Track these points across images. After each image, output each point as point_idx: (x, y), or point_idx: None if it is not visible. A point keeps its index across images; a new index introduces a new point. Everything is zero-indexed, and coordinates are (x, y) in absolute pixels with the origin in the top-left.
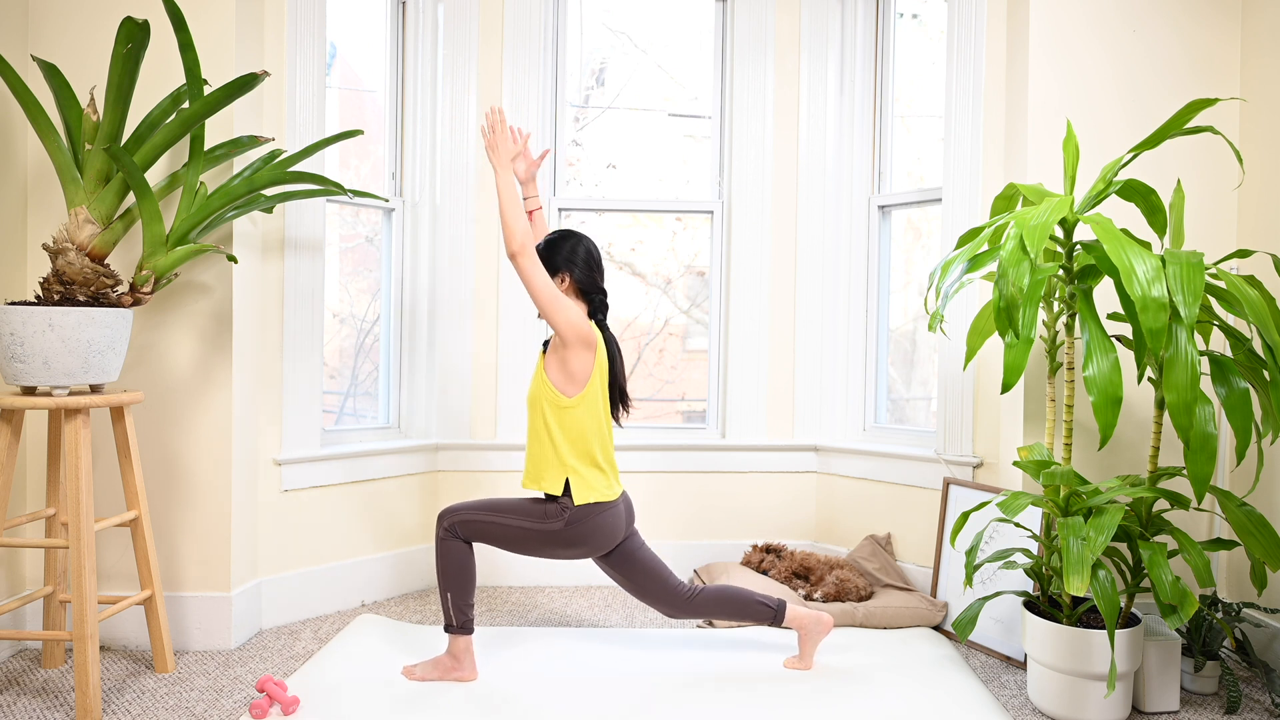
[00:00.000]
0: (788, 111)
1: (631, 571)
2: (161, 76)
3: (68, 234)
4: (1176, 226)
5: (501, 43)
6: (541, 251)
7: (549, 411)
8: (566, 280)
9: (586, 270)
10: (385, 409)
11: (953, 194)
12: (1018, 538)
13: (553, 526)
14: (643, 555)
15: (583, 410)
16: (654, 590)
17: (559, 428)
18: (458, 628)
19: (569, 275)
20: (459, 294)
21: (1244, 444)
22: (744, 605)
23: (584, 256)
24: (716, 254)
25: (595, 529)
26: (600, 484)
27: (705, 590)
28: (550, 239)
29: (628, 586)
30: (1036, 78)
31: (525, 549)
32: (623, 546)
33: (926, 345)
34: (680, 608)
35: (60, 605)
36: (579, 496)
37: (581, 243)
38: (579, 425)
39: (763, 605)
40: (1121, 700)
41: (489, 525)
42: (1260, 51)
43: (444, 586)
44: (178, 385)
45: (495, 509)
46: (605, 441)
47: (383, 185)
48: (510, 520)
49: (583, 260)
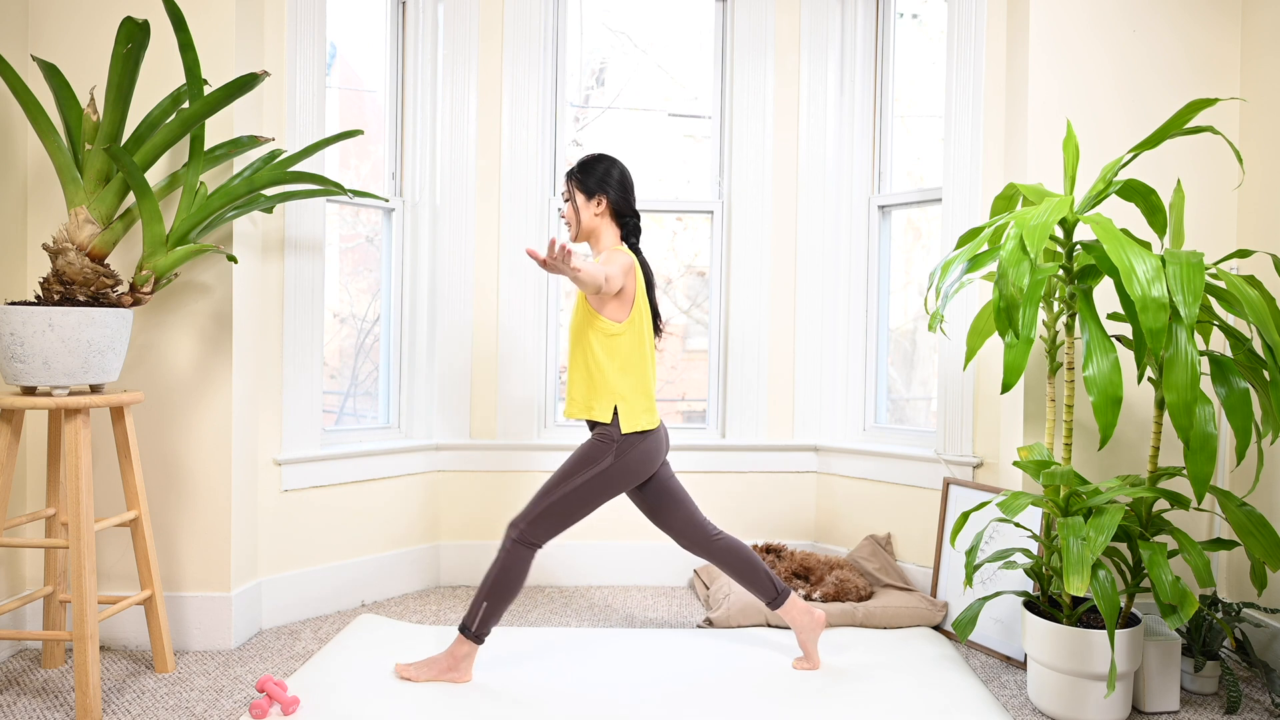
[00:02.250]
0: (788, 111)
1: (664, 501)
2: (161, 76)
3: (68, 234)
4: (1176, 226)
5: (501, 43)
6: (576, 173)
7: (597, 340)
8: (603, 203)
9: (621, 192)
10: (385, 409)
11: (953, 194)
12: (1018, 538)
13: (605, 464)
14: (674, 485)
15: (631, 336)
16: (679, 522)
17: (607, 355)
18: (474, 635)
19: (605, 198)
20: (459, 294)
21: (1244, 444)
22: (754, 570)
23: (618, 179)
24: (716, 254)
25: (642, 456)
26: (645, 412)
27: (727, 539)
28: (585, 161)
29: (656, 519)
30: (1036, 78)
31: (592, 504)
32: (658, 475)
33: (926, 345)
34: (700, 544)
35: (60, 605)
36: (626, 424)
37: (616, 165)
38: (627, 351)
39: (770, 581)
40: (1121, 700)
41: (555, 506)
42: (1260, 51)
43: (485, 593)
44: (178, 385)
45: (551, 488)
46: (651, 367)
47: (383, 185)
48: (568, 486)
49: (617, 183)
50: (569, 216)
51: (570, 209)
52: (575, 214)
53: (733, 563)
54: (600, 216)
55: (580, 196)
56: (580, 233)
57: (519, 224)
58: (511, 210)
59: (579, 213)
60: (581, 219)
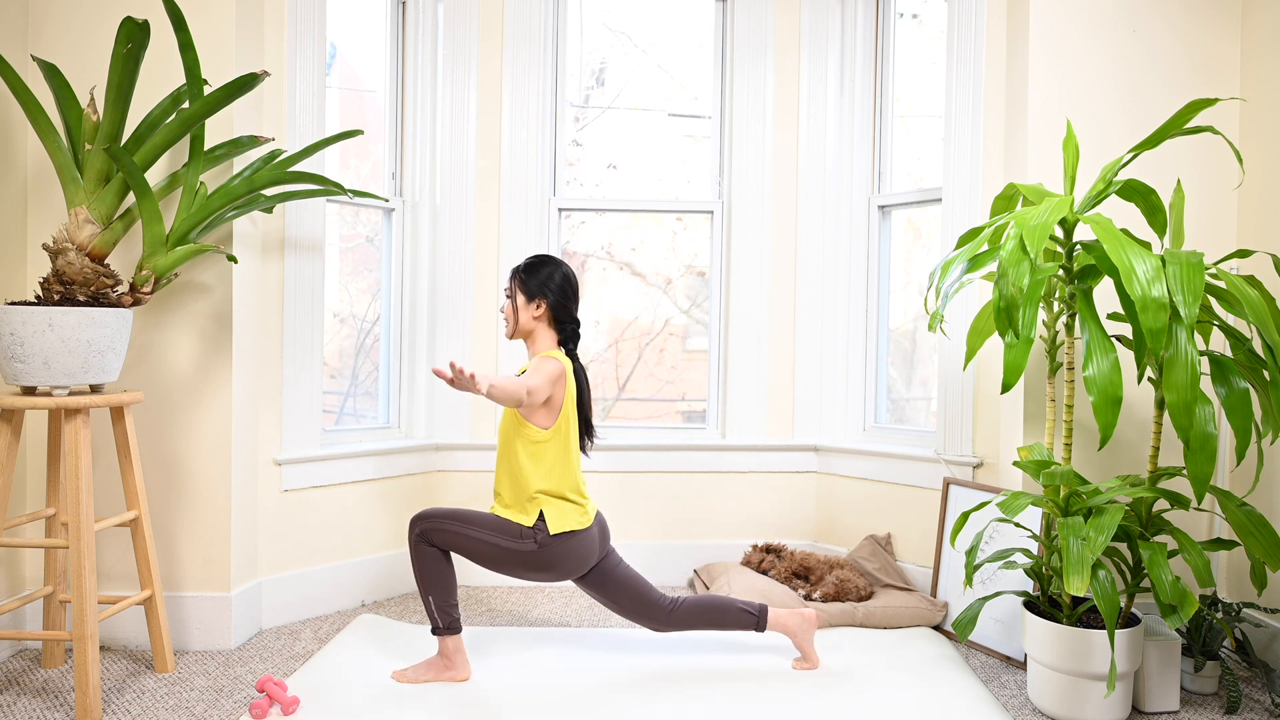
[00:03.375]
0: (788, 111)
1: (611, 590)
2: (161, 76)
3: (68, 234)
4: (1176, 226)
5: (501, 43)
6: (521, 273)
7: (522, 446)
8: (542, 306)
9: (561, 297)
10: (385, 409)
11: (953, 194)
12: (1018, 538)
13: (525, 548)
14: (620, 573)
15: (557, 443)
16: (635, 607)
17: (532, 461)
18: (445, 629)
19: (544, 301)
20: (459, 294)
21: (1244, 444)
22: (725, 613)
23: (560, 283)
24: (716, 254)
25: (568, 553)
26: (574, 514)
27: (686, 602)
28: (530, 262)
29: (610, 605)
30: (1036, 78)
31: (495, 566)
32: (599, 567)
33: (926, 345)
34: (664, 621)
35: (60, 605)
36: (554, 526)
37: (560, 269)
38: (553, 458)
39: (744, 612)
40: (1121, 700)
41: (460, 537)
42: (1260, 51)
43: (424, 590)
44: (178, 385)
45: (468, 521)
46: (577, 472)
47: (383, 185)
48: (482, 535)
49: (558, 288)
50: (508, 313)
51: (509, 306)
52: (514, 313)
53: (700, 622)
54: (539, 319)
55: (521, 297)
56: (517, 331)
57: (519, 224)
58: (511, 210)
59: (518, 313)
60: (520, 319)
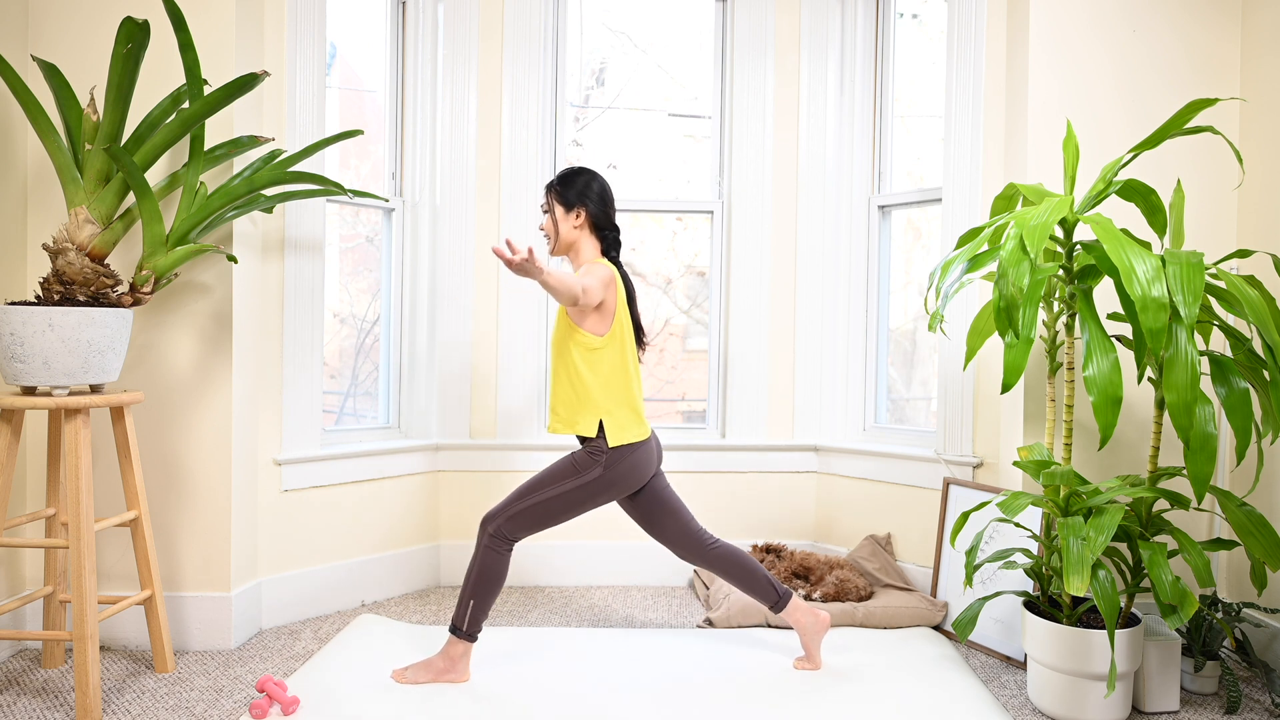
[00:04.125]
0: (788, 111)
1: (658, 513)
2: (161, 76)
3: (68, 234)
4: (1176, 226)
5: (501, 43)
6: (555, 185)
7: (579, 354)
8: (582, 216)
9: (601, 205)
10: (385, 409)
11: (953, 194)
12: (1018, 538)
13: (592, 475)
14: (669, 495)
15: (612, 350)
16: (674, 531)
17: (590, 369)
18: (465, 634)
19: (584, 210)
20: (459, 294)
21: (1244, 444)
22: (753, 577)
23: (598, 192)
24: (716, 254)
25: (631, 467)
26: (633, 425)
27: (724, 546)
28: (565, 174)
29: (649, 527)
30: (1036, 78)
31: (573, 512)
32: (651, 485)
33: (926, 345)
34: (695, 553)
35: (60, 605)
36: (614, 438)
37: (596, 178)
38: (610, 365)
39: (771, 586)
40: (1121, 700)
41: (534, 509)
42: (1260, 51)
43: (469, 592)
44: (178, 385)
45: (531, 490)
46: (635, 379)
47: (383, 185)
48: (551, 493)
49: (597, 196)
50: (548, 229)
51: (549, 221)
52: (554, 226)
53: (731, 570)
54: (579, 229)
55: (559, 209)
56: (559, 245)
57: (519, 224)
58: (511, 210)
59: (558, 225)
60: (560, 231)
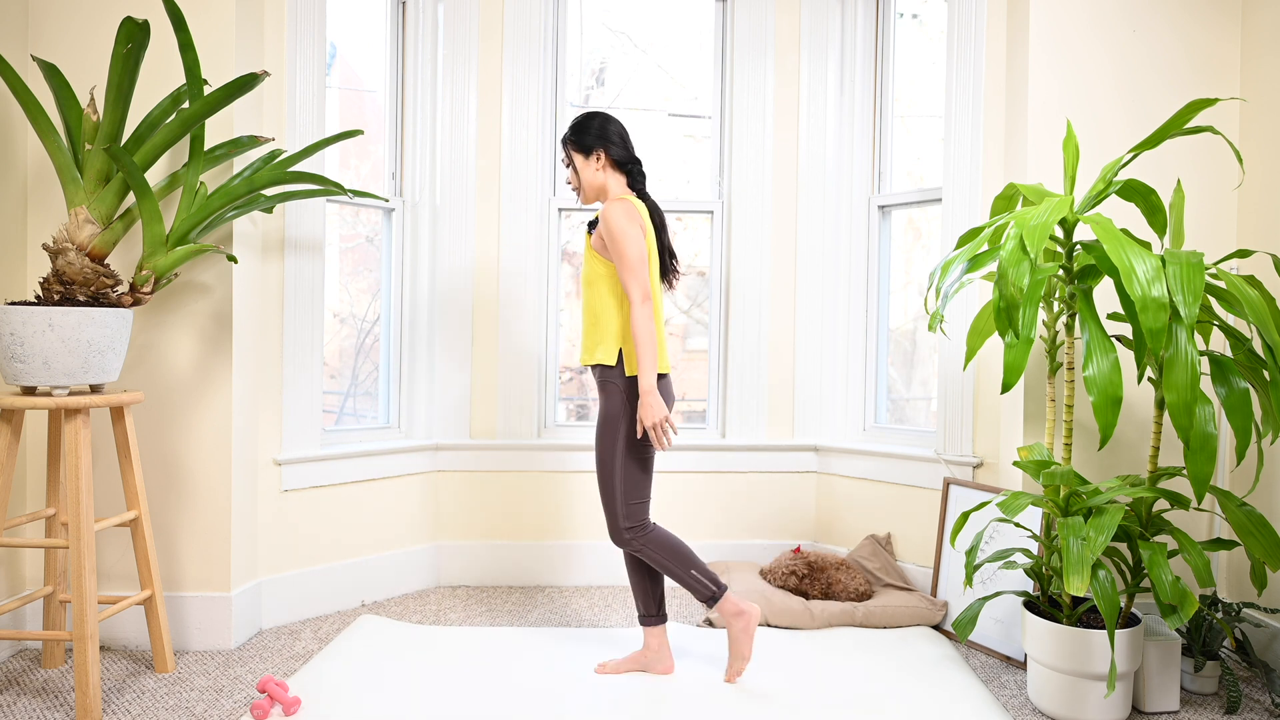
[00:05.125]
0: (788, 111)
1: None
2: (161, 76)
3: (68, 234)
4: (1176, 226)
5: (501, 43)
6: (570, 136)
7: (607, 287)
8: (602, 157)
9: (620, 144)
10: (385, 409)
11: (953, 194)
12: (1018, 538)
13: (627, 416)
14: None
15: None
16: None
17: (614, 296)
18: (716, 589)
19: (603, 151)
20: (459, 294)
21: (1244, 444)
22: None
23: (614, 129)
24: (716, 254)
25: None
26: None
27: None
28: (577, 122)
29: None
30: (1036, 78)
31: (648, 461)
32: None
33: (926, 345)
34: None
35: (60, 605)
36: (630, 366)
37: (609, 119)
38: None
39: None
40: (1121, 700)
41: (623, 490)
42: (1260, 51)
43: (680, 572)
44: (178, 385)
45: (607, 480)
46: (659, 309)
47: (383, 185)
48: (615, 458)
49: (614, 135)
50: (574, 180)
51: (572, 173)
52: (578, 175)
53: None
54: (603, 170)
55: (579, 157)
56: (587, 193)
57: (519, 224)
58: (511, 210)
59: (580, 173)
60: (584, 178)
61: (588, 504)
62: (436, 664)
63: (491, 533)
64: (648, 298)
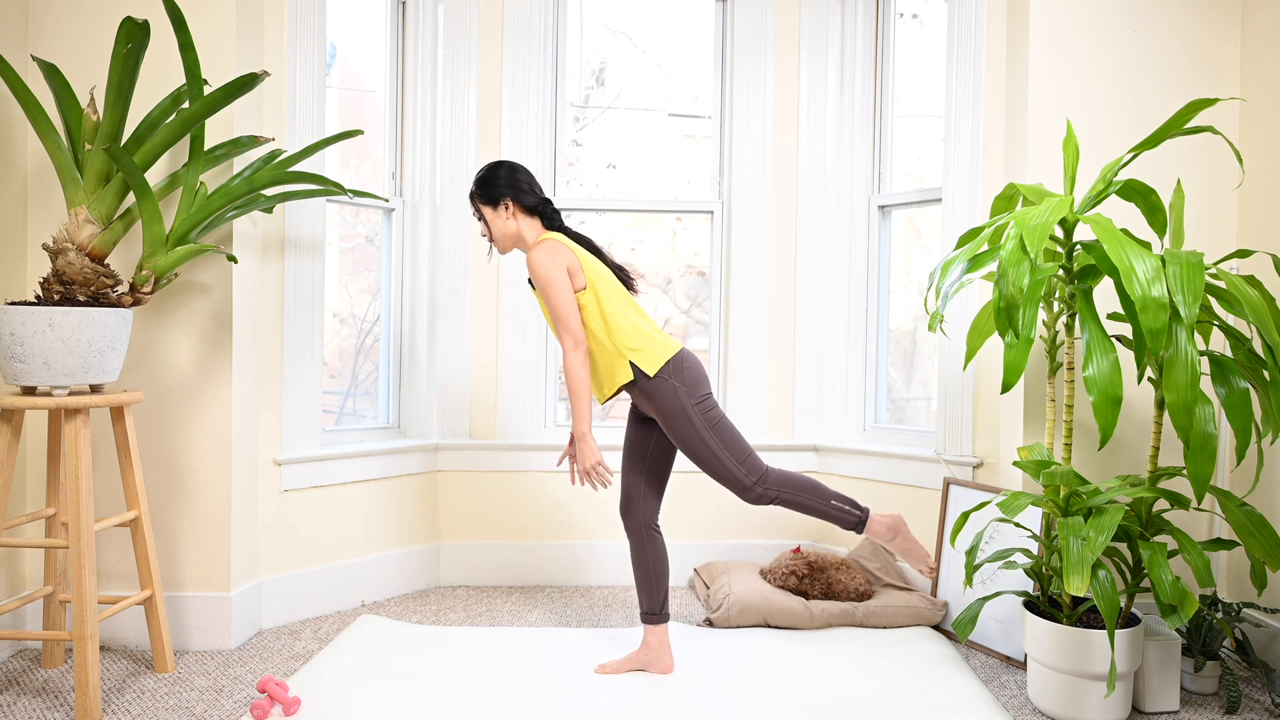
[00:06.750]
0: (788, 111)
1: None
2: (161, 76)
3: (68, 234)
4: (1176, 226)
5: (501, 43)
6: (475, 192)
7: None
8: (509, 205)
9: (529, 190)
10: (385, 409)
11: (953, 194)
12: (1018, 538)
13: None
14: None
15: (601, 292)
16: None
17: (597, 324)
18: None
19: (507, 199)
20: (459, 294)
21: (1244, 444)
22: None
23: (524, 179)
24: (716, 254)
25: (690, 371)
26: (658, 349)
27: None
28: (481, 176)
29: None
30: (1036, 78)
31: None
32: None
33: (926, 345)
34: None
35: (60, 605)
36: (651, 367)
37: (503, 166)
38: (606, 307)
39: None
40: (1121, 700)
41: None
42: (1260, 51)
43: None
44: (178, 385)
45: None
46: (640, 317)
47: (383, 185)
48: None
49: (514, 182)
50: (486, 232)
51: (484, 225)
52: (489, 228)
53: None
54: (513, 219)
55: (487, 209)
56: (502, 243)
57: None
58: None
59: (491, 225)
60: (496, 229)
61: (588, 504)
62: (436, 664)
63: (491, 533)
64: (579, 344)
